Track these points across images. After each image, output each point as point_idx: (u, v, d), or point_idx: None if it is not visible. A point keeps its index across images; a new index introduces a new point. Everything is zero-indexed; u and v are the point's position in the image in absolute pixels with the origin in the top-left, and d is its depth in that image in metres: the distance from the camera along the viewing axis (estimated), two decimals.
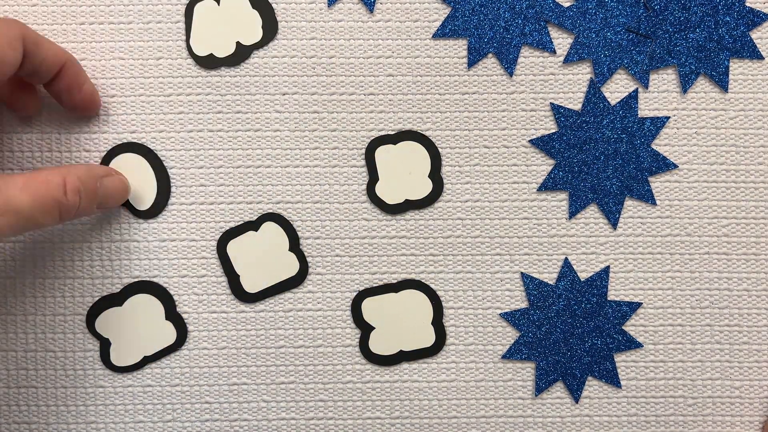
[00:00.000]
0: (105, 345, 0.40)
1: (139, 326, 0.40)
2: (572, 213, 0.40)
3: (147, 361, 0.40)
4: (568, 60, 0.40)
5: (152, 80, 0.40)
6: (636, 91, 0.40)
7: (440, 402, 0.41)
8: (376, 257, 0.41)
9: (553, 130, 0.40)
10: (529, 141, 0.40)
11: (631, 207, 0.41)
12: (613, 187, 0.40)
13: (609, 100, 0.40)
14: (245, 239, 0.40)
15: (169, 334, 0.40)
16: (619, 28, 0.40)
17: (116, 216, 0.40)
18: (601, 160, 0.40)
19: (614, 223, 0.40)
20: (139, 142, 0.40)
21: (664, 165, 0.40)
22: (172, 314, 0.40)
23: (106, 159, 0.40)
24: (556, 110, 0.40)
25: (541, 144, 0.40)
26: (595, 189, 0.40)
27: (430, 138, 0.40)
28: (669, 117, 0.40)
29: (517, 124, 0.41)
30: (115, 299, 0.40)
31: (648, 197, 0.40)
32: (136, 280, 0.40)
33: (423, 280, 0.41)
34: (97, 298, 0.40)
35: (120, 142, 0.40)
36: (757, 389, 0.41)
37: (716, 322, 0.41)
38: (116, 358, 0.40)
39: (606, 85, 0.40)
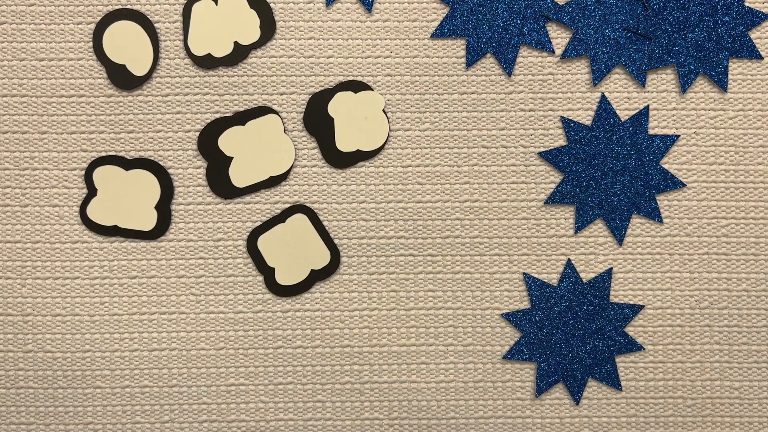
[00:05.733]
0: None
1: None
2: (578, 227, 0.40)
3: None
4: (566, 56, 0.40)
5: (150, 80, 0.40)
6: (647, 108, 0.40)
7: (439, 402, 0.41)
8: (374, 257, 0.41)
9: (551, 129, 0.40)
10: (539, 154, 0.40)
11: None
12: (621, 203, 0.40)
13: (620, 116, 0.40)
14: (273, 234, 0.40)
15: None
16: (617, 25, 0.40)
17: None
18: (610, 176, 0.40)
19: (620, 240, 0.40)
20: (137, 143, 0.40)
21: (672, 183, 0.40)
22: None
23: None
24: (566, 124, 0.40)
25: (550, 157, 0.40)
26: (602, 204, 0.40)
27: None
28: (679, 135, 0.40)
29: (516, 123, 0.40)
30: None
31: (655, 215, 0.40)
32: (135, 280, 0.40)
33: (421, 280, 0.41)
34: (94, 298, 0.40)
35: (117, 142, 0.40)
36: (756, 390, 0.41)
37: (715, 322, 0.41)
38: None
39: (604, 84, 0.40)
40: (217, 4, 0.40)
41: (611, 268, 0.41)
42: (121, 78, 0.40)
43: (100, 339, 0.40)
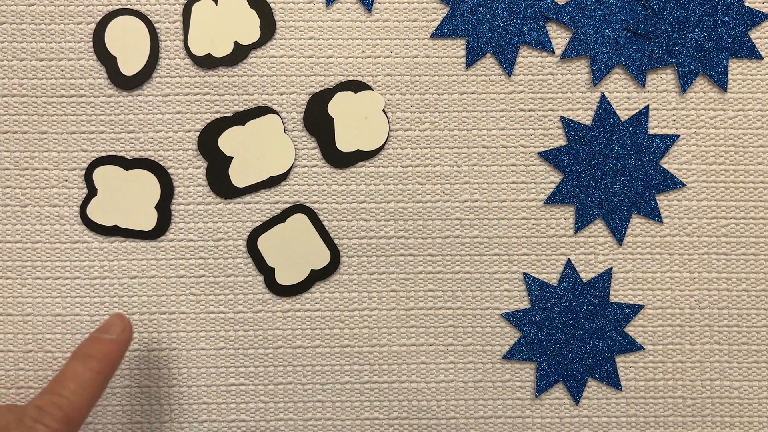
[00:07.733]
0: None
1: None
2: (578, 227, 0.40)
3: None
4: (566, 56, 0.40)
5: (150, 80, 0.40)
6: (647, 108, 0.40)
7: (438, 403, 0.41)
8: (374, 257, 0.41)
9: (551, 129, 0.40)
10: (539, 154, 0.40)
11: None
12: (621, 203, 0.40)
13: (620, 116, 0.40)
14: (273, 234, 0.40)
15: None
16: (617, 25, 0.40)
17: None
18: (609, 176, 0.40)
19: (620, 240, 0.40)
20: (137, 143, 0.40)
21: (672, 183, 0.40)
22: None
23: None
24: (566, 124, 0.40)
25: (550, 157, 0.40)
26: (602, 204, 0.40)
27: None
28: (679, 135, 0.40)
29: (516, 123, 0.40)
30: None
31: (655, 215, 0.40)
32: (135, 280, 0.40)
33: (421, 280, 0.41)
34: (94, 298, 0.40)
35: (117, 142, 0.40)
36: (756, 390, 0.41)
37: (715, 322, 0.41)
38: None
39: (604, 84, 0.40)
40: (217, 4, 0.40)
41: (611, 268, 0.41)
42: (121, 78, 0.40)
43: None
